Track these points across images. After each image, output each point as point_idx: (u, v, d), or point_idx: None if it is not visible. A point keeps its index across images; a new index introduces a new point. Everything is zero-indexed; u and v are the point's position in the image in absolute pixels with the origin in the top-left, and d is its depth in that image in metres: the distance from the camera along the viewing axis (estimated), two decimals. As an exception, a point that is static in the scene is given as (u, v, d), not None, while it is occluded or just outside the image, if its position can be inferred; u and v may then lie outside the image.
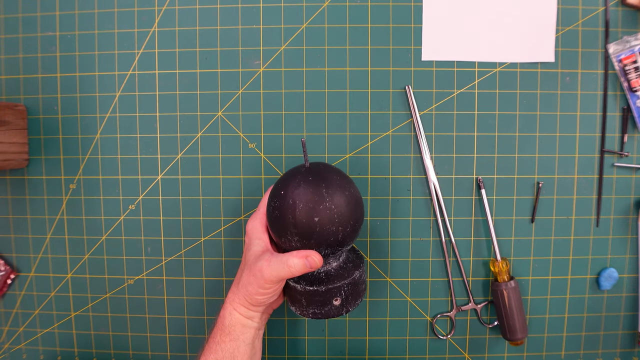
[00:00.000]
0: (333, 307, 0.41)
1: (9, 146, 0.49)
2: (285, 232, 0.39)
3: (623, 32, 0.49)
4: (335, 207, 0.38)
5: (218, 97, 0.51)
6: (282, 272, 0.38)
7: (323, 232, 0.38)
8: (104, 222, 0.52)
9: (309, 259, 0.39)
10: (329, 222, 0.38)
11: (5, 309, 0.54)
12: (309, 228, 0.38)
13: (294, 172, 0.41)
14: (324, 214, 0.38)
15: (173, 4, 0.51)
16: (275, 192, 0.41)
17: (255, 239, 0.42)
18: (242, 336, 0.41)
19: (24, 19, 0.52)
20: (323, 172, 0.40)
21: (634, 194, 0.50)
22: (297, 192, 0.38)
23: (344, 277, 0.41)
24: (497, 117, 0.50)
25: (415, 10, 0.50)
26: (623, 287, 0.51)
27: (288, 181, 0.40)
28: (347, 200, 0.39)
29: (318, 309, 0.41)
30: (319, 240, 0.39)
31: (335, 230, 0.38)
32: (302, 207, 0.38)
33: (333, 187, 0.39)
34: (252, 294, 0.40)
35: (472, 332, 0.52)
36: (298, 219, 0.38)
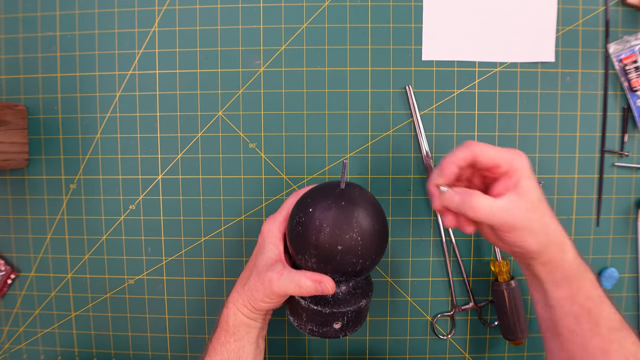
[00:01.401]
0: (332, 329, 0.40)
1: (9, 146, 0.49)
2: (304, 250, 0.38)
3: (623, 32, 0.49)
4: (361, 239, 0.37)
5: (218, 97, 0.51)
6: (292, 289, 0.38)
7: (343, 261, 0.37)
8: (104, 222, 0.52)
9: (321, 285, 0.37)
10: (352, 252, 0.37)
11: (6, 309, 0.54)
12: (330, 254, 0.37)
13: (327, 191, 0.39)
14: (348, 243, 0.36)
15: (173, 4, 0.51)
16: (302, 205, 0.39)
17: (270, 244, 0.41)
18: (247, 336, 0.41)
19: (24, 19, 0.52)
20: (357, 199, 0.38)
21: (634, 193, 0.50)
22: (326, 215, 0.37)
23: (350, 303, 0.40)
24: (497, 117, 0.50)
25: (416, 10, 0.50)
26: (623, 286, 0.51)
27: (319, 199, 0.38)
28: (374, 234, 0.38)
29: (317, 327, 0.40)
30: (337, 268, 0.37)
31: (356, 261, 0.37)
32: (328, 231, 0.36)
33: (364, 217, 0.37)
34: (256, 300, 0.39)
35: (472, 332, 0.52)
36: (321, 242, 0.37)
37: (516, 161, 0.35)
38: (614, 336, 0.36)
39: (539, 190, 0.36)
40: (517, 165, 0.35)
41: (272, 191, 0.51)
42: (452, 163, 0.36)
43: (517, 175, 0.35)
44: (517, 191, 0.35)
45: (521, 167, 0.35)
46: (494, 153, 0.35)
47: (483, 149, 0.35)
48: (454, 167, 0.36)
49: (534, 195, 0.35)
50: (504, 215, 0.35)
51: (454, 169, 0.36)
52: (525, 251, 0.36)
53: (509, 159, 0.35)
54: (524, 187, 0.35)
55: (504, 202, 0.35)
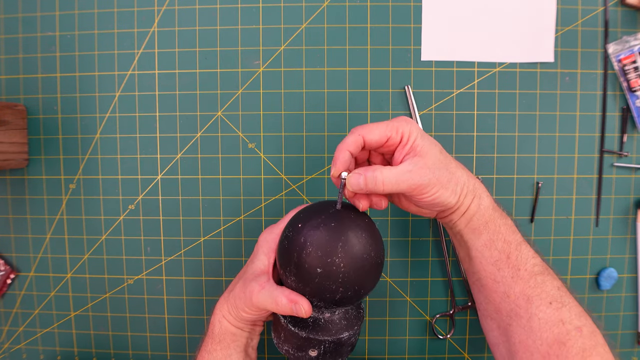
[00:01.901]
0: (307, 356, 0.38)
1: (9, 146, 0.49)
2: (285, 266, 0.37)
3: (622, 32, 0.49)
4: (344, 266, 0.34)
5: (218, 97, 0.51)
6: (268, 305, 0.37)
7: (320, 286, 0.35)
8: (104, 222, 0.52)
9: (296, 306, 0.36)
10: (331, 279, 0.34)
11: (5, 308, 0.54)
12: (308, 275, 0.35)
13: (321, 210, 0.37)
14: (328, 268, 0.34)
15: (173, 4, 0.51)
16: (294, 220, 0.38)
17: (261, 254, 0.40)
18: (233, 344, 0.40)
19: (24, 19, 0.52)
20: (350, 222, 0.36)
21: (633, 193, 0.50)
22: (312, 233, 0.35)
23: (330, 333, 0.37)
24: (496, 117, 0.50)
25: (415, 10, 0.50)
26: (623, 287, 0.51)
27: (311, 216, 0.36)
28: (360, 265, 0.35)
29: (292, 350, 0.38)
30: (314, 292, 0.35)
31: (335, 289, 0.35)
32: (310, 251, 0.35)
33: (353, 244, 0.35)
34: (238, 309, 0.39)
35: (471, 332, 0.52)
36: (301, 260, 0.35)
37: (403, 127, 0.36)
38: (534, 281, 0.36)
39: (436, 145, 0.37)
40: (406, 130, 0.36)
41: (271, 191, 0.51)
42: (343, 150, 0.36)
43: (409, 139, 0.36)
44: (414, 152, 0.36)
45: (409, 130, 0.36)
46: (380, 128, 0.36)
47: (369, 129, 0.36)
48: (346, 154, 0.36)
49: (432, 150, 0.36)
50: (410, 178, 0.35)
51: (347, 156, 0.36)
52: (445, 206, 0.37)
53: (395, 126, 0.36)
54: (420, 147, 0.36)
55: (407, 166, 0.35)
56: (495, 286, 0.37)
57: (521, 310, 0.35)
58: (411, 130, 0.36)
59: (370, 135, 0.36)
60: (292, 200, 0.51)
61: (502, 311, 0.37)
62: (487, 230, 0.37)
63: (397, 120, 0.36)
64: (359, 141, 0.36)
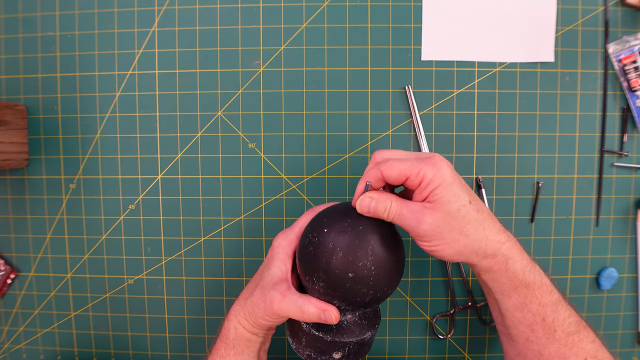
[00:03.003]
0: (331, 359, 0.38)
1: (9, 146, 0.49)
2: (312, 273, 0.36)
3: (623, 32, 0.49)
4: (375, 269, 0.34)
5: (218, 97, 0.51)
6: (293, 313, 0.36)
7: (352, 290, 0.35)
8: (104, 222, 0.52)
9: (325, 314, 0.35)
10: (363, 283, 0.35)
11: (5, 308, 0.54)
12: (340, 281, 0.34)
13: (345, 213, 0.37)
14: (360, 272, 0.34)
15: (173, 4, 0.51)
16: (317, 224, 0.37)
17: (278, 261, 0.39)
18: (247, 350, 0.40)
19: (24, 19, 0.52)
20: (375, 225, 0.36)
21: (633, 193, 0.50)
22: (341, 238, 0.35)
23: (354, 334, 0.38)
24: (496, 117, 0.50)
25: (415, 10, 0.50)
26: (623, 286, 0.51)
27: (335, 220, 0.36)
28: (390, 266, 0.35)
29: (315, 354, 0.38)
30: (345, 296, 0.35)
31: (366, 292, 0.35)
32: (341, 256, 0.34)
33: (381, 246, 0.35)
34: (257, 317, 0.38)
35: (471, 332, 0.52)
36: (332, 266, 0.34)
37: (426, 171, 0.33)
38: (571, 340, 0.35)
39: (462, 200, 0.34)
40: (428, 175, 0.33)
41: (271, 191, 0.51)
42: (362, 183, 0.36)
43: (428, 187, 0.33)
44: (429, 201, 0.34)
45: (431, 177, 0.33)
46: (401, 165, 0.34)
47: (389, 165, 0.34)
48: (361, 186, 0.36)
49: (452, 205, 0.33)
50: (412, 221, 0.34)
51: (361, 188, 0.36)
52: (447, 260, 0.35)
53: (418, 169, 0.33)
54: (437, 198, 0.33)
55: (414, 207, 0.34)
56: (528, 344, 0.36)
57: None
58: (433, 178, 0.33)
59: (389, 172, 0.34)
60: (292, 200, 0.51)
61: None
62: (518, 294, 0.36)
63: (424, 162, 0.34)
64: (378, 176, 0.35)
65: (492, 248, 0.35)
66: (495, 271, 0.35)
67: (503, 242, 0.35)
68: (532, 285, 0.35)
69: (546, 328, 0.35)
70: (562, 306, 0.36)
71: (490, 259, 0.35)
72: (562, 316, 0.35)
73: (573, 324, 0.36)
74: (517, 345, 0.37)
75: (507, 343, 0.39)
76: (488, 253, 0.35)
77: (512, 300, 0.36)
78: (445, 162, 0.34)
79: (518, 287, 0.35)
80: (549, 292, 0.36)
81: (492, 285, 0.37)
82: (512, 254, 0.35)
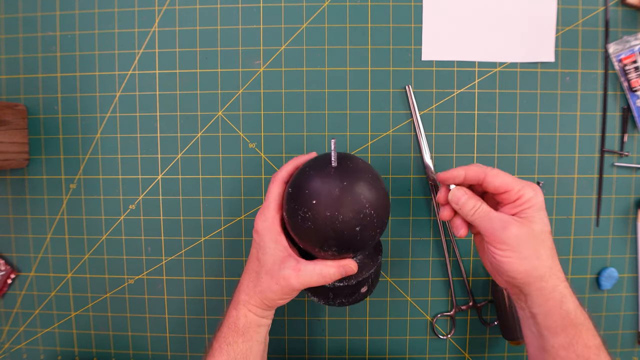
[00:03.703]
0: (360, 294, 0.41)
1: (9, 146, 0.49)
2: (321, 244, 0.36)
3: (623, 32, 0.49)
4: (374, 211, 0.35)
5: (218, 97, 0.51)
6: (315, 281, 0.37)
7: (363, 239, 0.36)
8: (104, 222, 0.52)
9: (345, 268, 0.37)
10: (369, 228, 0.36)
11: (6, 308, 0.54)
12: (350, 239, 0.36)
13: (323, 174, 0.36)
14: (364, 221, 0.35)
15: (173, 4, 0.51)
16: (301, 198, 0.36)
17: (271, 242, 0.39)
18: (256, 336, 0.40)
19: (24, 19, 0.52)
20: (355, 172, 0.36)
21: (633, 193, 0.50)
22: (335, 202, 0.35)
23: (370, 266, 0.40)
24: (497, 117, 0.50)
25: (415, 10, 0.50)
26: (623, 286, 0.51)
27: (318, 187, 0.36)
28: (382, 201, 0.37)
29: (346, 299, 0.41)
30: (357, 247, 0.37)
31: (374, 233, 0.37)
32: (343, 219, 0.35)
33: (369, 189, 0.36)
34: (272, 300, 0.39)
35: (472, 332, 0.52)
36: (339, 230, 0.35)
37: (526, 192, 0.36)
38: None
39: (547, 226, 0.36)
40: (526, 196, 0.35)
41: (271, 191, 0.51)
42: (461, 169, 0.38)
43: (525, 204, 0.36)
44: (521, 216, 0.36)
45: (531, 197, 0.35)
46: (506, 179, 0.36)
47: (496, 174, 0.36)
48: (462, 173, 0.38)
49: (538, 226, 0.35)
50: (498, 227, 0.35)
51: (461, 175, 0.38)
52: (512, 279, 0.36)
53: (520, 187, 0.36)
54: (528, 216, 0.35)
55: (504, 217, 0.36)
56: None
57: None
58: (531, 199, 0.36)
59: (493, 179, 0.36)
60: (292, 200, 0.51)
61: None
62: (566, 334, 0.36)
63: (525, 183, 0.36)
64: (480, 176, 0.37)
65: (554, 281, 0.36)
66: (550, 306, 0.36)
67: (562, 280, 0.36)
68: (581, 327, 0.36)
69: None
70: (603, 350, 0.36)
71: (549, 292, 0.36)
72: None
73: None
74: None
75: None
76: (549, 284, 0.36)
77: (559, 339, 0.36)
78: (541, 192, 0.37)
79: (567, 326, 0.36)
80: (594, 335, 0.36)
81: (542, 320, 0.37)
82: (568, 293, 0.36)
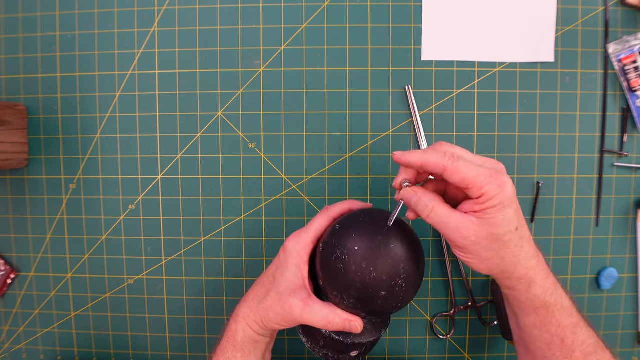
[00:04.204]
0: (349, 357, 0.39)
1: (9, 146, 0.49)
2: (342, 290, 0.36)
3: (623, 32, 0.49)
4: (406, 285, 0.35)
5: (218, 97, 0.51)
6: (316, 322, 0.36)
7: (383, 306, 0.35)
8: (104, 222, 0.52)
9: (351, 324, 0.36)
10: (395, 299, 0.35)
11: (5, 308, 0.54)
12: (371, 299, 0.35)
13: (374, 227, 0.36)
14: (393, 290, 0.34)
15: (173, 4, 0.51)
16: (343, 239, 0.36)
17: (293, 267, 0.38)
18: (255, 351, 0.40)
19: (24, 19, 0.52)
20: (405, 240, 0.36)
21: (633, 193, 0.50)
22: (374, 257, 0.34)
23: (371, 334, 0.39)
24: (496, 117, 0.50)
25: (415, 10, 0.50)
26: (623, 286, 0.51)
27: (364, 237, 0.35)
28: (417, 278, 0.36)
29: (332, 353, 0.39)
30: (374, 311, 0.36)
31: (395, 306, 0.36)
32: (375, 276, 0.34)
33: (411, 263, 0.35)
34: (271, 321, 0.38)
35: (472, 332, 0.52)
36: (365, 286, 0.34)
37: (490, 190, 0.32)
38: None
39: (510, 225, 0.33)
40: (490, 194, 0.32)
41: (271, 191, 0.51)
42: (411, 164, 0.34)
43: (487, 204, 0.32)
44: (480, 217, 0.33)
45: (495, 196, 0.32)
46: (467, 175, 0.32)
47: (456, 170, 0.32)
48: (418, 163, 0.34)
49: (499, 229, 0.33)
50: (454, 233, 0.33)
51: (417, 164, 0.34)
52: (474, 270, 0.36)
53: (482, 185, 0.32)
54: (489, 217, 0.32)
55: (460, 219, 0.33)
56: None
57: None
58: (494, 197, 0.32)
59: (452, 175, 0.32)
60: (292, 200, 0.51)
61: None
62: (537, 314, 0.36)
63: (491, 177, 0.32)
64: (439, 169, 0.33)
65: (519, 273, 0.35)
66: (517, 291, 0.36)
67: (531, 268, 0.35)
68: (552, 308, 0.35)
69: (565, 349, 0.35)
70: (582, 328, 0.36)
71: (515, 281, 0.35)
72: (582, 338, 0.35)
73: (592, 345, 0.36)
74: (534, 358, 0.37)
75: (524, 355, 0.39)
76: (514, 276, 0.35)
77: (530, 319, 0.36)
78: (510, 184, 0.33)
79: (538, 307, 0.36)
80: (569, 315, 0.36)
81: (512, 302, 0.37)
82: (537, 278, 0.35)
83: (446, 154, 0.33)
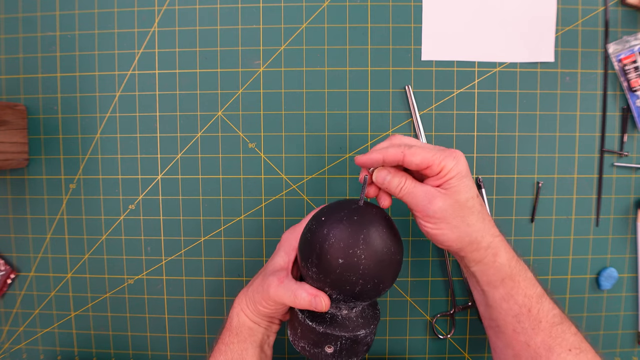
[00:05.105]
0: (324, 352, 0.38)
1: (9, 146, 0.49)
2: (307, 258, 0.37)
3: (623, 32, 0.49)
4: (365, 258, 0.35)
5: (218, 97, 0.51)
6: (287, 299, 0.38)
7: (341, 277, 0.36)
8: (104, 222, 0.52)
9: (316, 299, 0.37)
10: (352, 270, 0.35)
11: (5, 308, 0.54)
12: (330, 266, 0.36)
13: (344, 205, 0.38)
14: (350, 259, 0.35)
15: (173, 4, 0.51)
16: (318, 215, 0.39)
17: (282, 252, 0.42)
18: (250, 338, 0.41)
19: (24, 19, 0.52)
20: (371, 218, 0.37)
21: (633, 193, 0.50)
22: (335, 226, 0.36)
23: (347, 329, 0.38)
24: (496, 117, 0.50)
25: (415, 10, 0.50)
26: (623, 286, 0.51)
27: (334, 211, 0.38)
28: (380, 258, 0.36)
29: (309, 346, 0.39)
30: (335, 283, 0.36)
31: (355, 280, 0.36)
32: (333, 242, 0.36)
33: (373, 238, 0.36)
34: (256, 302, 0.40)
35: (472, 332, 0.52)
36: (323, 251, 0.36)
37: (448, 163, 0.36)
38: (555, 331, 0.37)
39: (471, 192, 0.36)
40: (448, 166, 0.35)
41: (271, 191, 0.51)
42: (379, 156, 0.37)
43: (446, 176, 0.36)
44: (444, 188, 0.36)
45: (451, 167, 0.36)
46: (424, 153, 0.36)
47: (413, 151, 0.36)
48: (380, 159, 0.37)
49: (462, 195, 0.36)
50: (424, 201, 0.36)
51: (380, 161, 0.37)
52: (444, 245, 0.37)
53: (440, 160, 0.36)
54: (451, 186, 0.36)
55: (428, 189, 0.36)
56: (515, 335, 0.38)
57: (542, 358, 0.37)
58: (452, 169, 0.36)
59: (412, 158, 0.36)
60: (292, 200, 0.51)
61: (522, 357, 0.38)
62: (504, 286, 0.38)
63: (446, 153, 0.36)
64: (398, 157, 0.36)
65: (487, 240, 0.37)
66: (485, 263, 0.38)
67: (496, 235, 0.38)
68: (518, 277, 0.38)
69: (532, 319, 0.37)
70: (546, 299, 0.38)
71: (483, 251, 0.37)
72: (547, 308, 0.37)
73: (557, 315, 0.38)
74: (504, 336, 0.39)
75: (495, 337, 0.40)
76: (482, 245, 0.37)
77: (499, 292, 0.38)
78: (463, 157, 0.37)
79: (505, 278, 0.38)
80: (533, 285, 0.38)
81: (480, 277, 0.39)
82: (501, 247, 0.38)
83: (401, 145, 0.37)
